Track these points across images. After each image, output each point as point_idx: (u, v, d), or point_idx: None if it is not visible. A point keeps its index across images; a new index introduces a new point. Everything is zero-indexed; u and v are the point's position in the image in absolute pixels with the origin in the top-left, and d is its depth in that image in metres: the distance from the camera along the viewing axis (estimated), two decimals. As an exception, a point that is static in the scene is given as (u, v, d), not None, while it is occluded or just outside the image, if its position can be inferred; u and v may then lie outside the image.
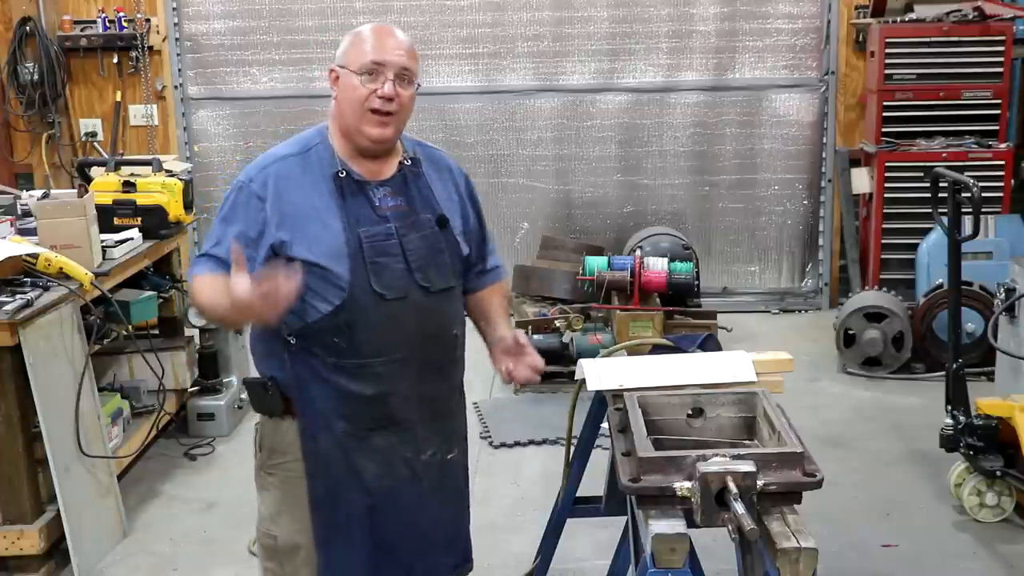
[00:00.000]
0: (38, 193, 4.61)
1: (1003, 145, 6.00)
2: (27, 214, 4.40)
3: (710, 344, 2.91)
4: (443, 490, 2.54)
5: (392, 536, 2.46)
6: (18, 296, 3.57)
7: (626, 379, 2.55)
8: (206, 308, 2.35)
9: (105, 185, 4.60)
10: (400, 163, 2.46)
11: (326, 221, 2.33)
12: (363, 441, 2.40)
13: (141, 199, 4.58)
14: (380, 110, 2.34)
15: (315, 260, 2.29)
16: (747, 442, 2.40)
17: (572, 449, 3.03)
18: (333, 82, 2.43)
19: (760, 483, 2.02)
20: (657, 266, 5.74)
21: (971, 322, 5.36)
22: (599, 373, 2.60)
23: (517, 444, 4.79)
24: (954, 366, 4.04)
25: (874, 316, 5.58)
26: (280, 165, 2.39)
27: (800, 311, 6.94)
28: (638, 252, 5.84)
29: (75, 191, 4.57)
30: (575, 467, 3.02)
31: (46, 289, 3.71)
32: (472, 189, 2.63)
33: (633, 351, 2.97)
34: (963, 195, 4.03)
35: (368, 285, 2.33)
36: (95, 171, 4.92)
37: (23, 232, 4.18)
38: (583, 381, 2.71)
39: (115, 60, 6.82)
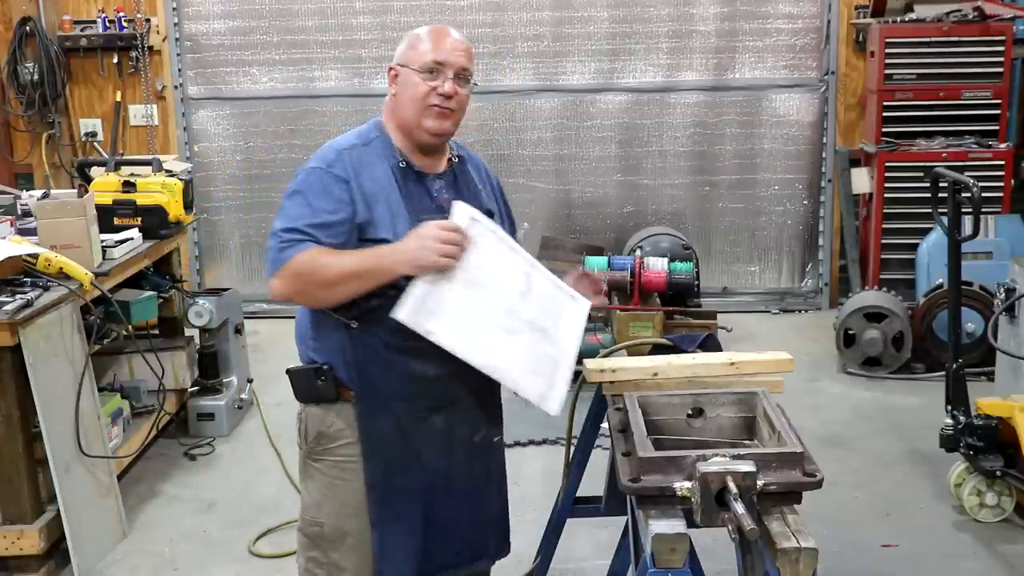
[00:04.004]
0: (38, 193, 4.61)
1: (1003, 145, 6.00)
2: (27, 214, 4.40)
3: (710, 344, 2.90)
4: (491, 473, 2.64)
5: (445, 517, 2.54)
6: (18, 296, 3.56)
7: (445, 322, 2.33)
8: (314, 271, 2.33)
9: (105, 185, 4.60)
10: (449, 160, 2.58)
11: (394, 207, 2.42)
12: (423, 422, 2.48)
13: (141, 199, 4.59)
14: (441, 106, 2.45)
15: (392, 241, 2.37)
16: (747, 442, 2.40)
17: (572, 449, 3.03)
18: (392, 80, 2.52)
19: (760, 483, 2.02)
20: (657, 266, 5.73)
21: (971, 322, 5.36)
22: (420, 305, 2.31)
23: (517, 444, 4.79)
24: (954, 366, 4.04)
25: (874, 316, 5.58)
26: (352, 152, 2.47)
27: (800, 311, 6.94)
28: (638, 252, 5.84)
29: (75, 191, 4.57)
30: (575, 467, 3.02)
31: (46, 289, 3.71)
32: (502, 190, 2.76)
33: (633, 351, 2.97)
34: (963, 195, 4.03)
35: None
36: (95, 171, 4.92)
37: (23, 232, 4.18)
38: (583, 381, 2.70)
39: (115, 60, 6.82)
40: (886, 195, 6.09)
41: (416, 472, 2.48)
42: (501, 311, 2.39)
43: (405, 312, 2.29)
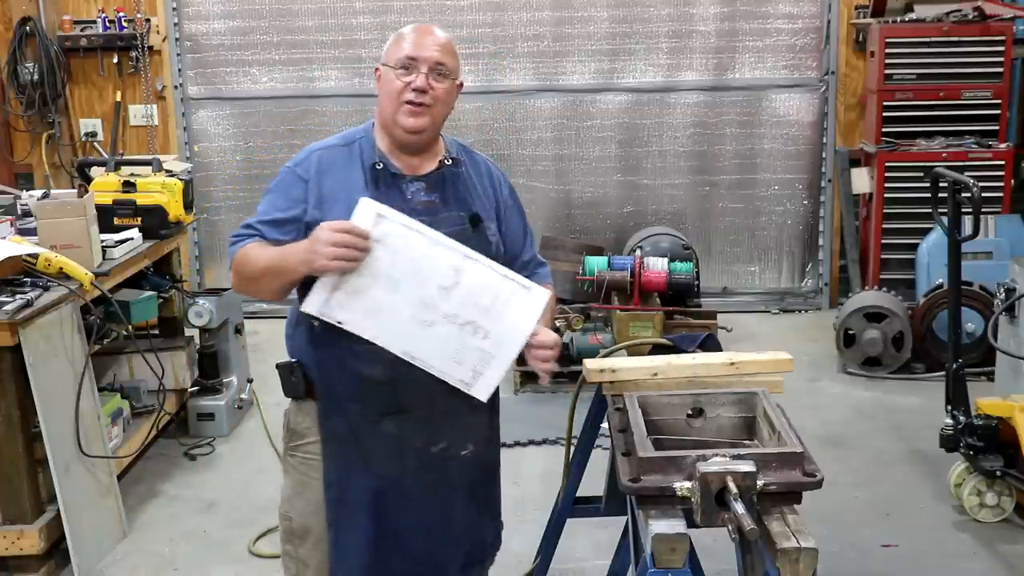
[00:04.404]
0: (38, 193, 4.61)
1: (1003, 145, 6.00)
2: (27, 214, 4.40)
3: (710, 344, 2.91)
4: (455, 486, 2.54)
5: (397, 524, 2.50)
6: (18, 296, 3.56)
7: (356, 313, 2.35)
8: (246, 264, 2.43)
9: (105, 185, 4.60)
10: (440, 161, 2.53)
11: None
12: (374, 426, 2.46)
13: (141, 199, 4.59)
14: (414, 101, 2.43)
15: None
16: (747, 442, 2.40)
17: (572, 449, 3.03)
18: (377, 80, 2.52)
19: (760, 483, 2.02)
20: (657, 266, 5.74)
21: (971, 322, 5.36)
22: (327, 298, 2.34)
23: (517, 444, 4.80)
24: (954, 366, 4.04)
25: (874, 316, 5.58)
26: (324, 152, 2.51)
27: (800, 311, 6.94)
28: (638, 252, 5.84)
29: (75, 191, 4.57)
30: (575, 467, 3.02)
31: (46, 289, 3.71)
32: (514, 195, 2.68)
33: (633, 351, 2.97)
34: (963, 195, 4.03)
35: None
36: (95, 171, 4.92)
37: (23, 232, 4.18)
38: (583, 381, 2.70)
39: (115, 60, 6.82)
40: (886, 195, 6.09)
41: (366, 476, 2.47)
42: (416, 304, 2.35)
43: (312, 306, 2.33)
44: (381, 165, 2.47)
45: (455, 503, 2.56)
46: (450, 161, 2.54)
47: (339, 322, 2.33)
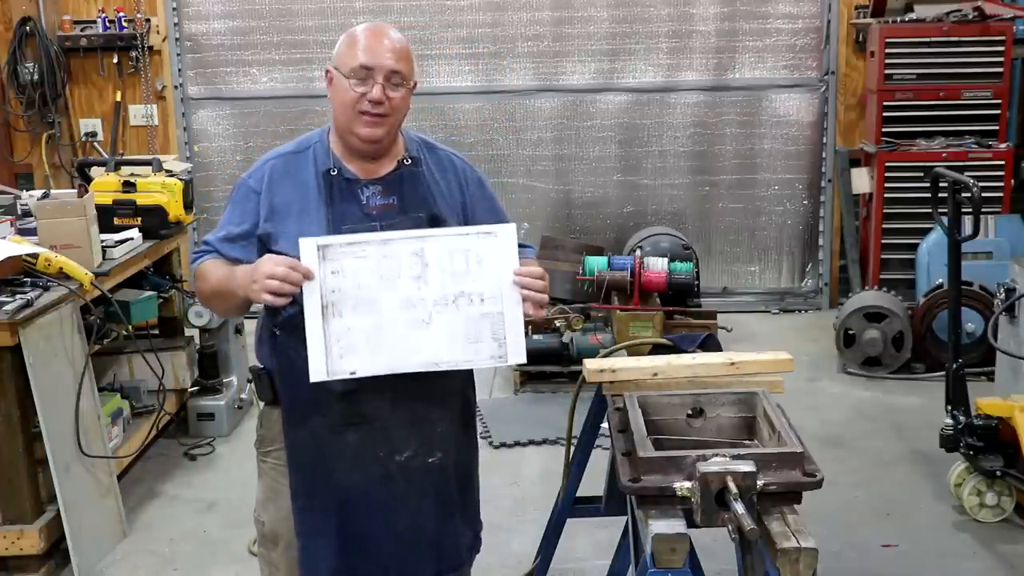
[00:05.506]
0: (38, 193, 4.61)
1: (1003, 145, 6.00)
2: (27, 214, 4.40)
3: (710, 344, 2.91)
4: (423, 494, 2.48)
5: (365, 533, 2.46)
6: (18, 296, 3.57)
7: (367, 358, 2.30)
8: (202, 281, 2.48)
9: (105, 185, 4.60)
10: (399, 162, 2.47)
11: (310, 218, 2.38)
12: (337, 436, 2.41)
13: (141, 199, 4.59)
14: (371, 112, 2.37)
15: (294, 254, 2.30)
16: (747, 442, 2.40)
17: (572, 449, 3.03)
18: (328, 83, 2.45)
19: (760, 483, 2.02)
20: (657, 266, 5.74)
21: (971, 322, 5.36)
22: (325, 356, 2.28)
23: (517, 444, 4.79)
24: (954, 366, 4.04)
25: (874, 316, 5.58)
26: (276, 162, 2.48)
27: (800, 311, 6.94)
28: (638, 252, 5.84)
29: (75, 191, 4.57)
30: (575, 467, 3.02)
31: (46, 289, 3.71)
32: (483, 187, 2.60)
33: (633, 351, 2.97)
34: (963, 195, 4.03)
35: None
36: (95, 171, 4.92)
37: (23, 232, 4.18)
38: (583, 381, 2.71)
39: (115, 60, 6.82)
40: (886, 195, 6.09)
41: (330, 486, 2.43)
42: (403, 309, 2.29)
43: (318, 373, 2.27)
44: (336, 171, 2.41)
45: (425, 511, 2.49)
46: (409, 161, 2.46)
47: (352, 373, 2.28)
